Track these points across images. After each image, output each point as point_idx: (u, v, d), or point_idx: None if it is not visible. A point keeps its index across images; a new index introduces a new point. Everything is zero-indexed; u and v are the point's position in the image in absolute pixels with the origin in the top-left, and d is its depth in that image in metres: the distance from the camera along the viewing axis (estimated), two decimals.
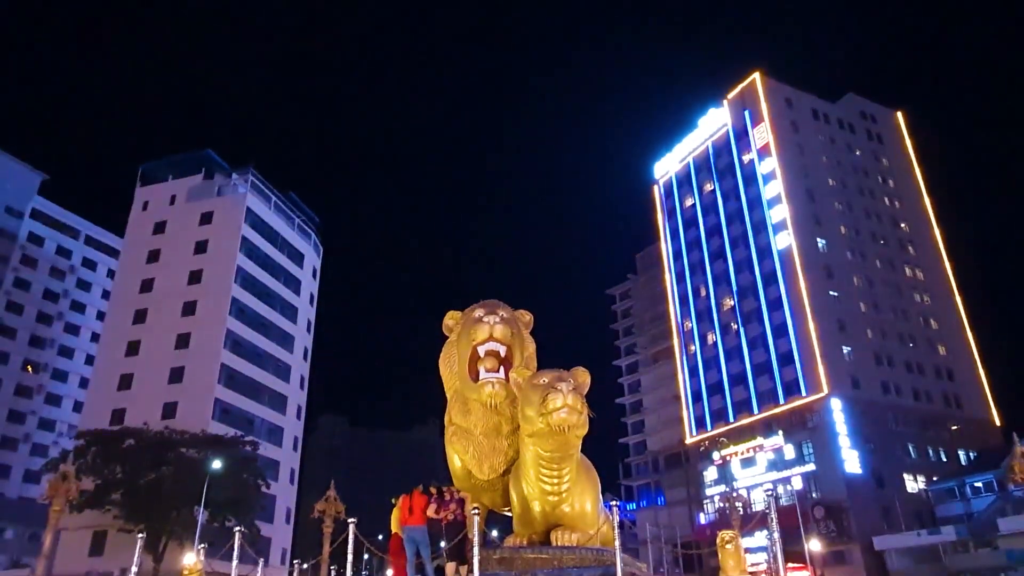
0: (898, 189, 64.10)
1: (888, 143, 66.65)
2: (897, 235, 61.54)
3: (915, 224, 62.82)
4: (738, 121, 64.07)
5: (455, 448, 9.65)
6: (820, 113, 64.22)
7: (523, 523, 8.99)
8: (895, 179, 64.70)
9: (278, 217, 57.19)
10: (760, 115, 61.37)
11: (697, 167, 68.39)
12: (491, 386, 9.01)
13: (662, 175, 73.27)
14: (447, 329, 10.26)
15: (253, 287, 51.91)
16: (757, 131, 61.32)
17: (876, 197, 62.42)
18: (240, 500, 36.17)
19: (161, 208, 53.15)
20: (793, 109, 62.82)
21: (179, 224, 51.79)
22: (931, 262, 61.48)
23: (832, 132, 63.71)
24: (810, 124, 62.76)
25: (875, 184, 63.21)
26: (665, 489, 65.69)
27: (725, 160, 64.74)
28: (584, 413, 7.93)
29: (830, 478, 47.71)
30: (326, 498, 14.95)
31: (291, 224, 59.00)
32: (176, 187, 54.07)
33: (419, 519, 8.68)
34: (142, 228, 52.61)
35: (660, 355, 70.88)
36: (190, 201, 52.98)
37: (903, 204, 63.50)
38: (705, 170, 67.28)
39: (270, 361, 52.23)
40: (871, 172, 63.70)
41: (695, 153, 69.02)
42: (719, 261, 63.10)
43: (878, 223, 60.91)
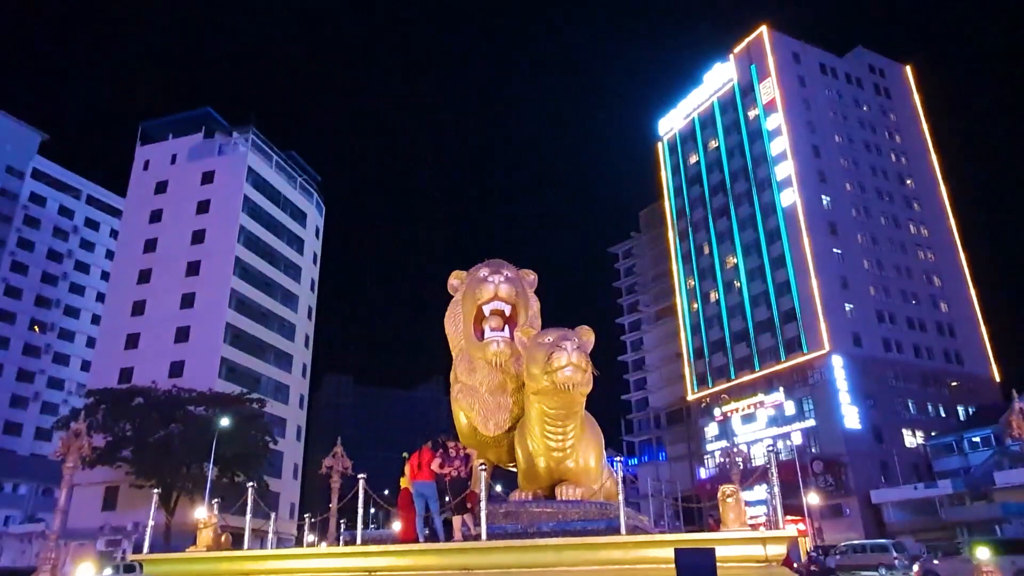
0: (905, 145, 62.93)
1: (896, 98, 65.08)
2: (902, 191, 60.74)
3: (921, 180, 61.92)
4: (744, 76, 62.45)
5: (461, 406, 9.74)
6: (828, 67, 62.48)
7: (528, 478, 9.14)
8: (902, 134, 63.43)
9: (280, 176, 56.63)
10: (767, 70, 59.76)
11: (702, 123, 67.10)
12: (496, 345, 9.01)
13: (666, 132, 71.96)
14: (452, 289, 10.24)
15: (256, 247, 51.82)
16: (763, 86, 59.81)
17: (882, 153, 61.35)
18: (248, 456, 36.91)
19: (162, 167, 52.63)
20: (800, 63, 61.10)
21: (180, 184, 51.38)
22: (936, 219, 60.86)
23: (839, 87, 62.14)
24: (817, 79, 61.16)
25: (882, 140, 62.01)
26: (666, 445, 66.95)
27: (730, 116, 63.44)
28: (588, 371, 7.94)
29: (829, 434, 48.46)
30: (333, 454, 15.25)
31: (293, 183, 58.45)
32: (177, 146, 53.41)
33: (428, 474, 8.83)
34: (144, 188, 52.22)
35: (663, 313, 71.14)
36: (191, 160, 52.41)
37: (909, 160, 62.43)
38: (710, 126, 66.02)
39: (275, 320, 52.58)
40: (878, 127, 62.42)
41: (700, 109, 67.60)
42: (723, 219, 62.56)
43: (884, 179, 60.05)
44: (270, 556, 8.52)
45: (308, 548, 10.80)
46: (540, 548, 7.39)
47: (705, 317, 62.75)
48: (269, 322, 51.75)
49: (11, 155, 65.37)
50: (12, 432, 59.80)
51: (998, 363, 56.31)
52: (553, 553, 7.34)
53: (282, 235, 55.13)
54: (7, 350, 61.35)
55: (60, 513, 12.94)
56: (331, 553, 8.21)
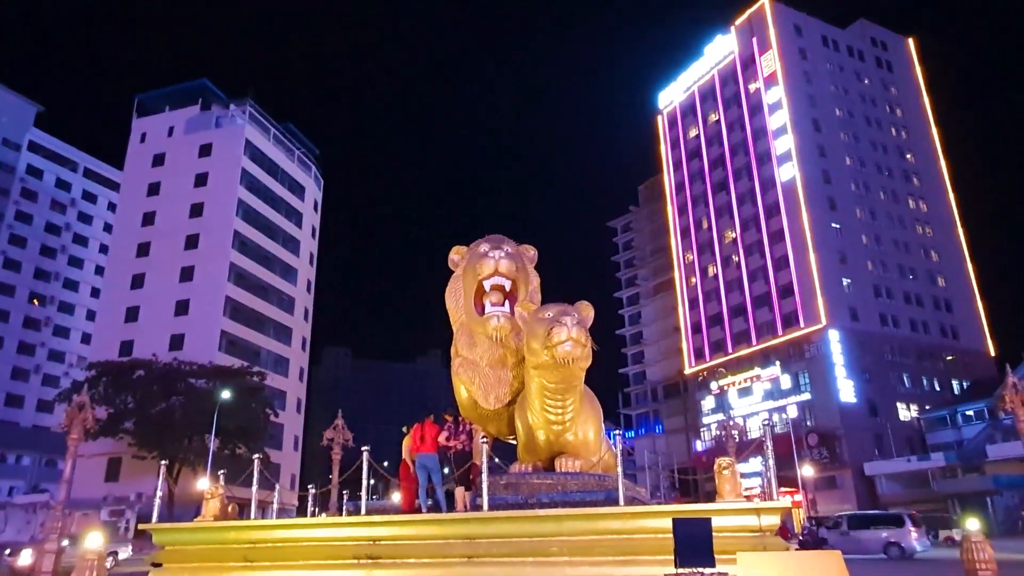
0: (906, 119, 62.29)
1: (898, 71, 64.18)
2: (902, 166, 60.34)
3: (921, 155, 61.47)
4: (745, 49, 61.46)
5: (461, 379, 9.84)
6: (829, 40, 61.45)
7: (528, 451, 9.28)
8: (903, 109, 62.73)
9: (278, 149, 56.17)
10: (768, 42, 58.78)
11: (702, 97, 66.28)
12: (496, 319, 9.08)
13: (666, 105, 71.11)
14: (452, 264, 10.27)
15: (255, 220, 51.67)
16: (764, 59, 58.91)
17: (883, 127, 60.74)
18: (249, 428, 37.39)
19: (159, 140, 52.15)
20: (802, 36, 60.08)
21: (178, 156, 51.00)
22: (935, 194, 60.62)
23: (841, 60, 61.20)
24: (819, 52, 60.20)
25: (883, 114, 61.35)
26: (663, 418, 67.81)
27: (731, 89, 62.65)
28: (588, 346, 8.01)
29: (825, 407, 49.11)
30: (334, 426, 15.43)
31: (291, 156, 57.97)
32: (173, 118, 52.86)
33: (431, 447, 8.99)
34: (141, 160, 51.81)
35: (661, 287, 71.32)
36: (188, 133, 51.93)
37: (910, 135, 61.86)
38: (710, 100, 65.23)
39: (274, 293, 52.73)
40: (879, 101, 61.70)
41: (700, 82, 66.71)
42: (722, 193, 62.27)
43: (884, 154, 59.59)
44: (277, 525, 8.71)
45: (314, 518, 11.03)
46: (540, 519, 7.56)
47: (703, 291, 62.95)
48: (268, 295, 51.88)
49: (7, 127, 64.54)
50: (14, 404, 60.33)
51: (994, 338, 56.80)
52: (553, 523, 7.51)
53: (280, 208, 54.93)
54: (7, 323, 61.48)
55: (66, 484, 13.14)
56: (337, 523, 8.39)
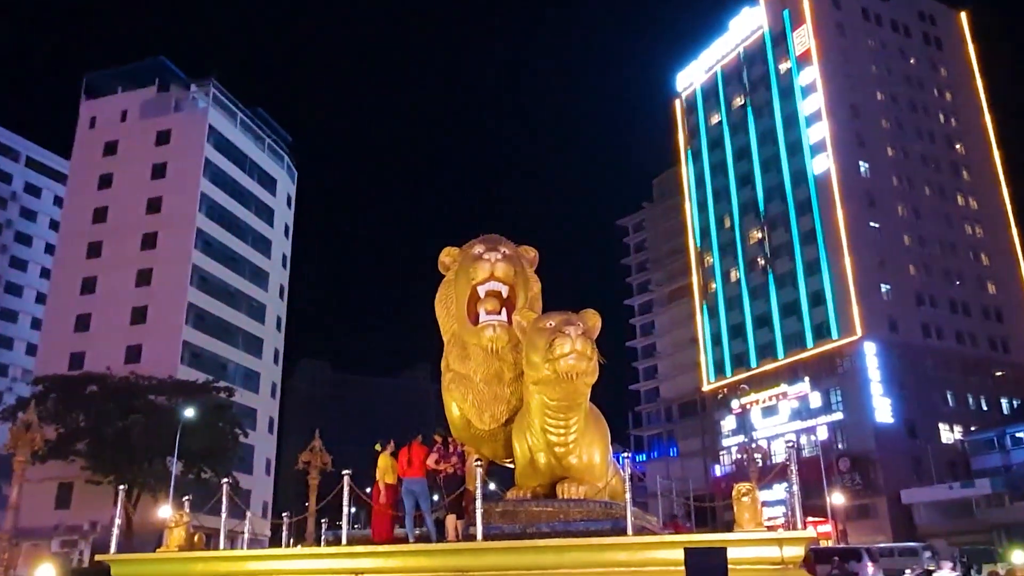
0: (955, 104, 62.71)
1: (948, 50, 64.60)
2: (951, 158, 60.75)
3: (972, 145, 61.85)
4: (776, 23, 61.89)
5: (453, 396, 9.97)
6: (871, 13, 61.91)
7: (527, 475, 9.41)
8: (953, 92, 63.15)
9: (245, 136, 56.31)
10: (801, 15, 59.21)
11: (726, 78, 66.65)
12: (492, 329, 9.23)
13: (685, 87, 71.49)
14: (443, 267, 10.41)
15: (220, 217, 51.73)
16: (797, 35, 59.31)
17: (930, 113, 61.18)
18: (216, 450, 37.48)
19: (111, 125, 52.25)
20: (840, 9, 60.54)
21: (132, 144, 51.07)
22: (987, 189, 60.99)
23: (884, 36, 61.62)
24: (859, 27, 60.61)
25: (929, 98, 61.80)
26: (678, 440, 67.96)
27: (759, 69, 63.01)
28: (594, 359, 8.16)
29: (858, 428, 49.34)
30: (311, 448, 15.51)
31: (260, 144, 58.13)
32: (127, 101, 52.95)
33: (418, 471, 9.11)
34: (90, 149, 51.88)
35: (677, 294, 71.61)
36: (144, 118, 52.03)
37: (960, 122, 62.29)
38: (735, 81, 65.62)
39: (242, 300, 52.78)
40: (926, 84, 62.12)
41: (724, 61, 67.07)
42: (747, 188, 62.61)
43: (930, 144, 59.99)
44: (249, 557, 8.83)
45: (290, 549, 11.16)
46: (540, 549, 7.69)
47: (724, 298, 63.22)
48: (236, 302, 51.94)
49: None
50: None
51: None
52: (554, 555, 7.64)
53: (249, 204, 55.04)
54: None
55: (12, 511, 13.24)
56: (315, 554, 8.52)
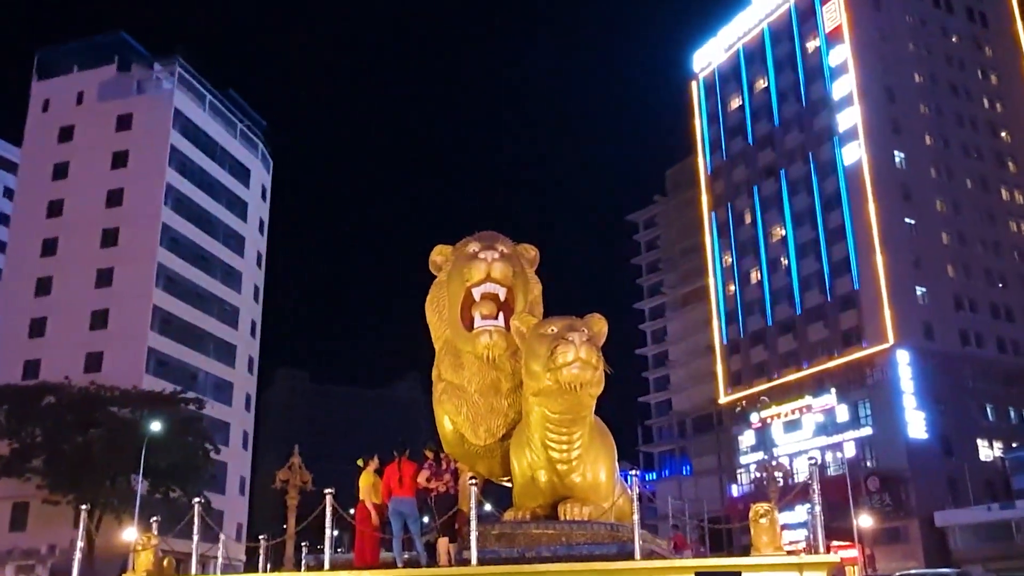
0: (1001, 88, 62.69)
1: (994, 27, 64.53)
2: (995, 147, 60.86)
3: (1018, 133, 61.84)
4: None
5: (445, 408, 10.06)
6: None
7: (526, 495, 9.50)
8: (999, 74, 63.09)
9: (215, 121, 56.41)
10: None
11: (748, 57, 66.80)
12: (488, 336, 9.33)
13: (703, 67, 71.63)
14: (435, 267, 10.51)
15: (188, 211, 51.82)
16: (827, 9, 59.43)
17: (973, 98, 61.19)
18: (185, 467, 37.66)
19: (66, 109, 52.26)
20: None
21: (90, 130, 51.13)
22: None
23: (923, 12, 61.59)
24: (895, 1, 60.66)
25: (973, 81, 61.81)
26: (692, 457, 68.05)
27: (784, 48, 63.14)
28: (599, 368, 8.25)
29: (889, 444, 49.53)
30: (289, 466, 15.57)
31: (232, 130, 58.24)
32: (83, 81, 52.98)
33: (408, 489, 9.21)
34: (43, 135, 51.92)
35: (691, 297, 71.76)
36: (102, 100, 52.11)
37: (1006, 107, 62.35)
38: (758, 61, 65.77)
39: (213, 303, 52.86)
40: (969, 65, 62.11)
41: (746, 39, 67.19)
42: (770, 180, 62.80)
43: (972, 131, 60.08)
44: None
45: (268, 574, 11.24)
46: (540, 575, 7.78)
47: (744, 302, 63.37)
48: (206, 305, 52.03)
49: None
50: None
51: None
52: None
53: (220, 196, 55.16)
54: None
55: None
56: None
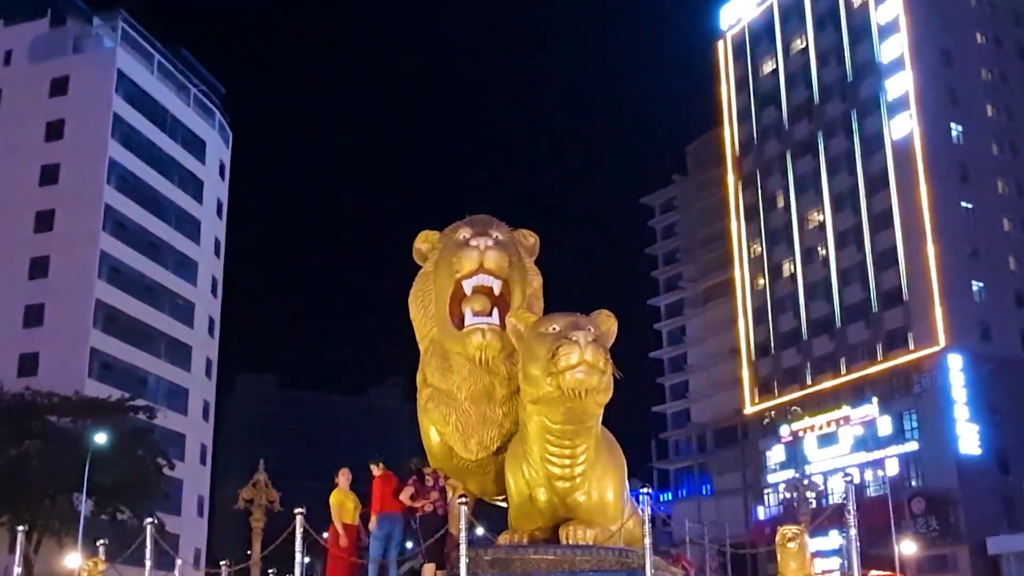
0: None
1: None
2: None
3: None
4: None
5: (432, 418, 10.13)
6: None
7: (523, 516, 9.57)
8: None
9: (165, 86, 56.37)
10: None
11: (784, 13, 66.71)
12: (480, 335, 9.36)
13: (731, 26, 71.59)
14: (420, 256, 10.55)
15: (135, 191, 51.81)
16: None
17: None
18: (134, 485, 37.84)
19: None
20: None
21: (19, 95, 51.06)
22: None
23: None
24: None
25: None
26: (713, 474, 68.36)
27: (826, 2, 63.05)
28: (607, 372, 8.29)
29: (937, 461, 49.88)
30: (254, 483, 15.76)
31: (185, 96, 58.18)
32: (11, 38, 52.83)
33: (398, 504, 9.33)
34: None
35: (714, 292, 71.94)
36: (33, 61, 52.02)
37: None
38: (795, 18, 65.73)
39: (165, 297, 52.96)
40: None
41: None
42: (807, 157, 62.90)
43: None
44: None
45: None
46: None
47: (774, 298, 63.58)
48: (157, 299, 52.15)
49: None
50: None
51: None
52: None
53: (171, 173, 55.14)
54: None
55: None
56: None
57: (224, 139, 62.28)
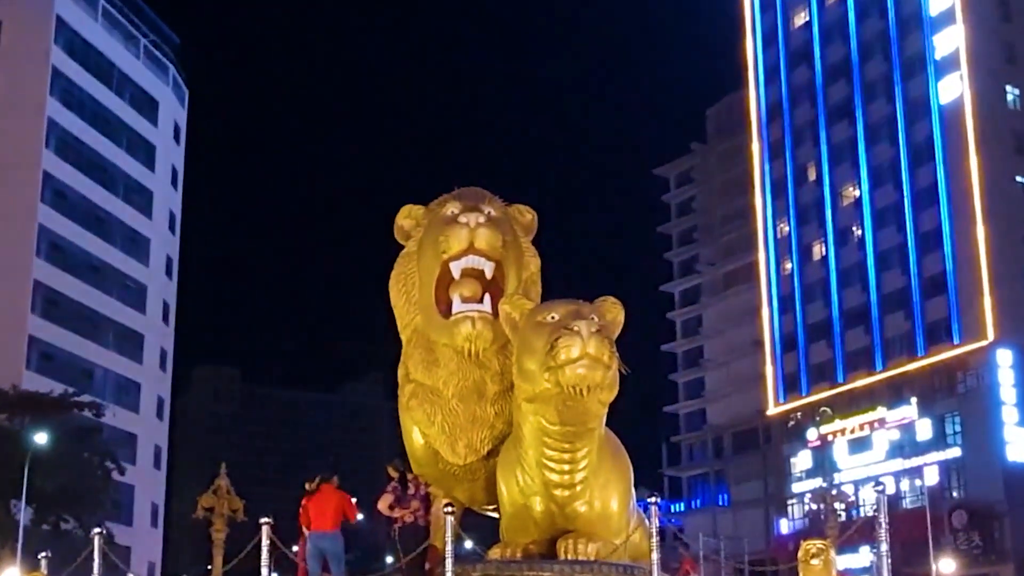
0: None
1: None
2: None
3: None
4: None
5: (415, 417, 10.17)
6: None
7: (517, 528, 9.66)
8: None
9: (111, 36, 56.13)
10: None
11: None
12: (470, 324, 9.40)
13: None
14: (402, 234, 10.57)
15: (77, 156, 51.71)
16: None
17: None
18: (80, 491, 37.90)
19: None
20: None
21: None
22: None
23: None
24: None
25: None
26: (731, 483, 68.82)
27: None
28: (612, 367, 8.34)
29: (982, 469, 50.14)
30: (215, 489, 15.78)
31: (134, 48, 57.93)
32: None
33: (330, 521, 9.41)
34: None
35: (735, 277, 72.17)
36: None
37: None
38: None
39: (113, 278, 52.95)
40: None
41: None
42: (842, 123, 62.88)
43: None
44: None
45: None
46: None
47: (803, 285, 63.76)
48: (104, 281, 52.13)
49: None
50: None
51: None
52: None
53: (119, 137, 55.03)
54: None
55: None
56: None
57: (179, 97, 62.06)
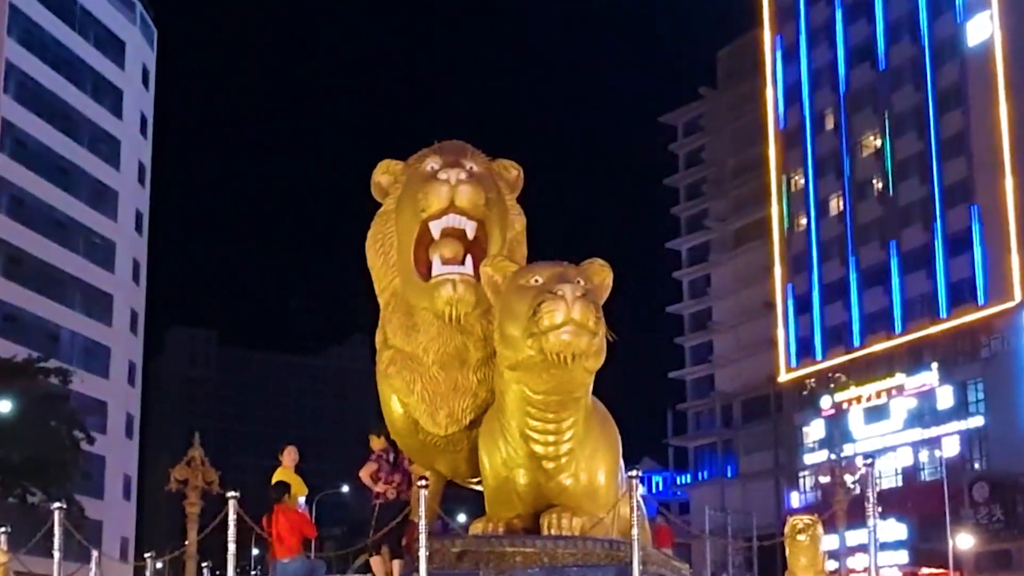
0: None
1: None
2: None
3: None
4: None
5: (394, 385, 10.27)
6: None
7: (500, 501, 9.80)
8: None
9: None
10: None
11: None
12: (451, 287, 9.46)
13: None
14: (379, 191, 10.59)
15: (38, 102, 51.49)
16: None
17: None
18: (46, 462, 38.04)
19: None
20: None
21: None
22: None
23: None
24: None
25: None
26: (740, 453, 69.49)
27: None
28: (599, 334, 8.41)
29: (1005, 439, 50.58)
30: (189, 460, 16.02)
31: None
32: None
33: (294, 548, 9.44)
34: None
35: (747, 233, 72.22)
36: None
37: None
38: None
39: (79, 235, 52.93)
40: None
41: None
42: (862, 66, 62.70)
43: None
44: None
45: None
46: None
47: (819, 241, 63.84)
48: (70, 238, 52.13)
49: None
50: None
51: None
52: None
53: (83, 80, 54.77)
54: None
55: None
56: None
57: (147, 38, 61.62)
